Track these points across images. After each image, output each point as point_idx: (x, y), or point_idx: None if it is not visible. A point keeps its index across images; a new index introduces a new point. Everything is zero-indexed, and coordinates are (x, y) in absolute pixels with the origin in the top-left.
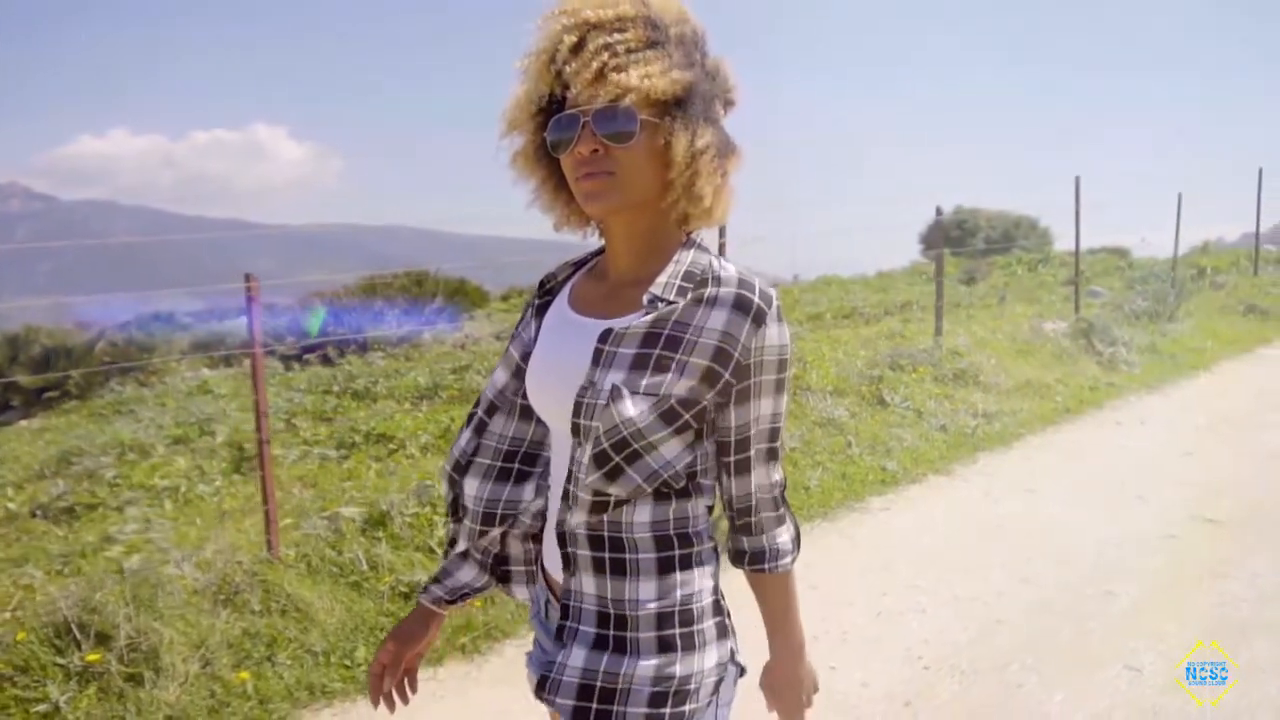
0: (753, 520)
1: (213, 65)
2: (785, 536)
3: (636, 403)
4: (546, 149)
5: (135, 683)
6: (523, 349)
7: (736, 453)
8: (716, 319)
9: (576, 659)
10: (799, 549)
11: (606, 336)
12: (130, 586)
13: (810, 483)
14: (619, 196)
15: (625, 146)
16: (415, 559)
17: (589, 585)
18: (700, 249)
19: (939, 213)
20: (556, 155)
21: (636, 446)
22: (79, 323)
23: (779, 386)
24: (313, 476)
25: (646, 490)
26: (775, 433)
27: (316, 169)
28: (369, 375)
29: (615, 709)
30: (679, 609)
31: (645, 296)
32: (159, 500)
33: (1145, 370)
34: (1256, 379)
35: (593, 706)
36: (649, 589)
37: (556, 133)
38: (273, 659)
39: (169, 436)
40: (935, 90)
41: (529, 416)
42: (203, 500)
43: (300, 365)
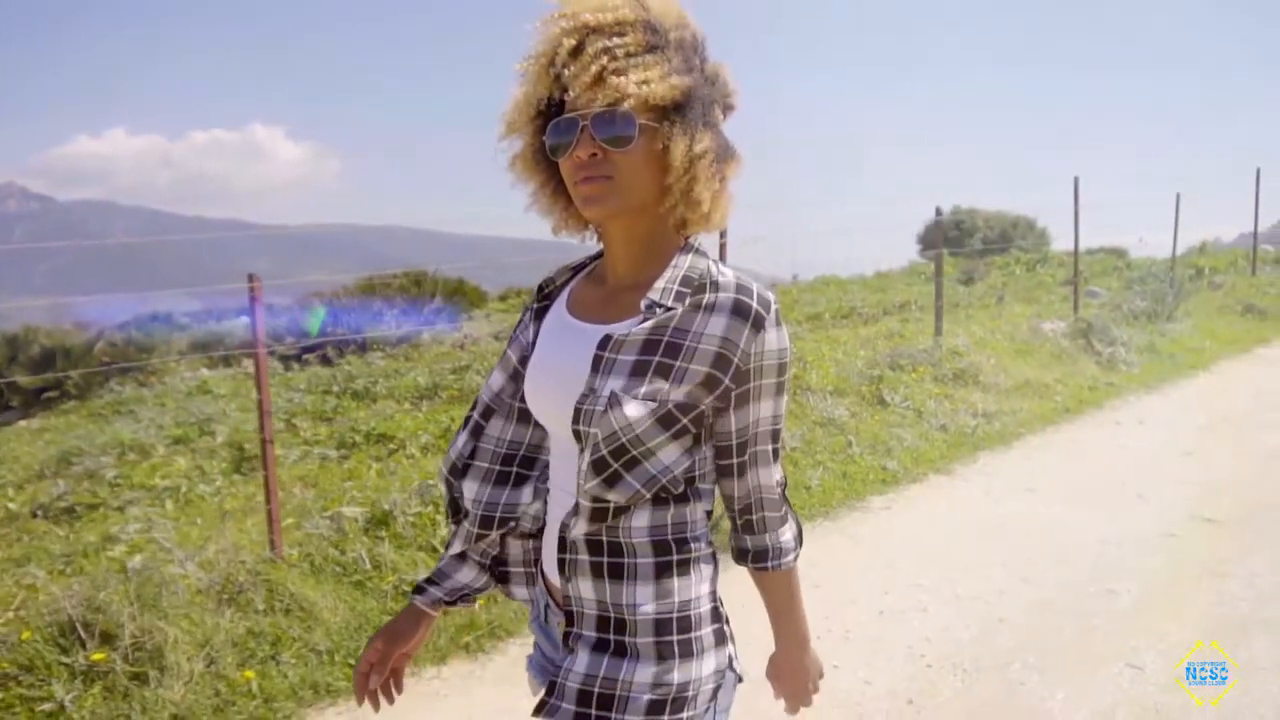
0: (755, 519)
1: (211, 65)
2: (788, 535)
3: (635, 409)
4: (545, 152)
5: (140, 681)
6: (521, 353)
7: (738, 454)
8: (716, 325)
9: (580, 664)
10: (801, 546)
11: (606, 343)
12: (134, 586)
13: (811, 482)
14: (617, 201)
15: (623, 151)
16: (418, 558)
17: (587, 590)
18: (698, 254)
19: (939, 213)
20: (555, 159)
21: (635, 453)
22: (78, 323)
23: (779, 389)
24: (313, 476)
25: (645, 496)
26: (776, 434)
27: (315, 169)
28: (368, 375)
29: (613, 716)
30: (676, 615)
31: (643, 302)
32: (160, 500)
33: (1144, 370)
34: (1255, 379)
35: (592, 713)
36: (646, 593)
37: (555, 136)
38: (277, 658)
39: (169, 436)
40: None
41: (527, 420)
42: (203, 500)
43: (300, 365)
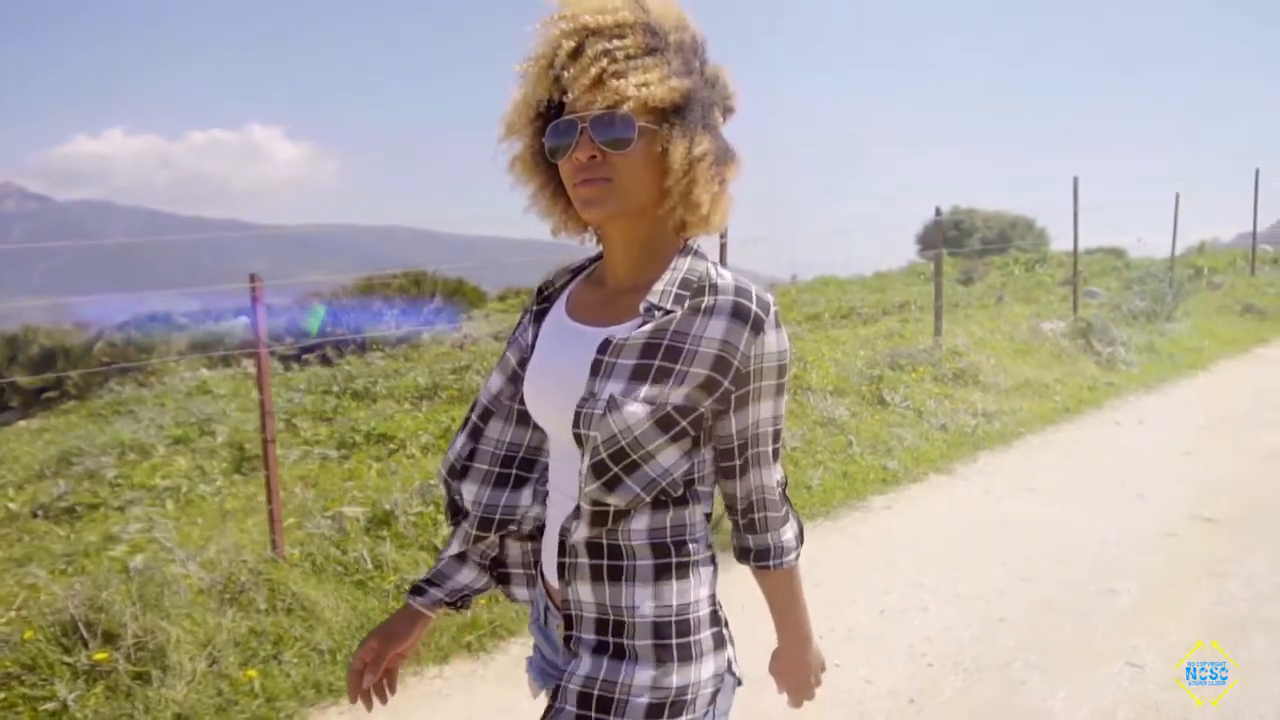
0: (756, 519)
1: (209, 65)
2: (789, 533)
3: (634, 412)
4: (545, 154)
5: (143, 681)
6: (520, 355)
7: (739, 455)
8: (715, 328)
9: (582, 668)
10: (802, 544)
11: (605, 347)
12: (137, 585)
13: (812, 482)
14: (616, 203)
15: (623, 153)
16: (420, 558)
17: (586, 593)
18: (697, 256)
19: (938, 213)
20: (554, 161)
21: (635, 456)
22: (77, 323)
23: (779, 390)
24: (313, 476)
25: (645, 500)
26: (776, 434)
27: (313, 169)
28: (368, 375)
29: (612, 719)
30: (675, 619)
31: (642, 304)
32: (160, 500)
33: (1144, 370)
34: (1254, 379)
35: (591, 715)
36: (645, 595)
37: (554, 138)
38: (279, 657)
39: (169, 437)
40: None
41: (526, 422)
42: (204, 500)
43: (299, 365)
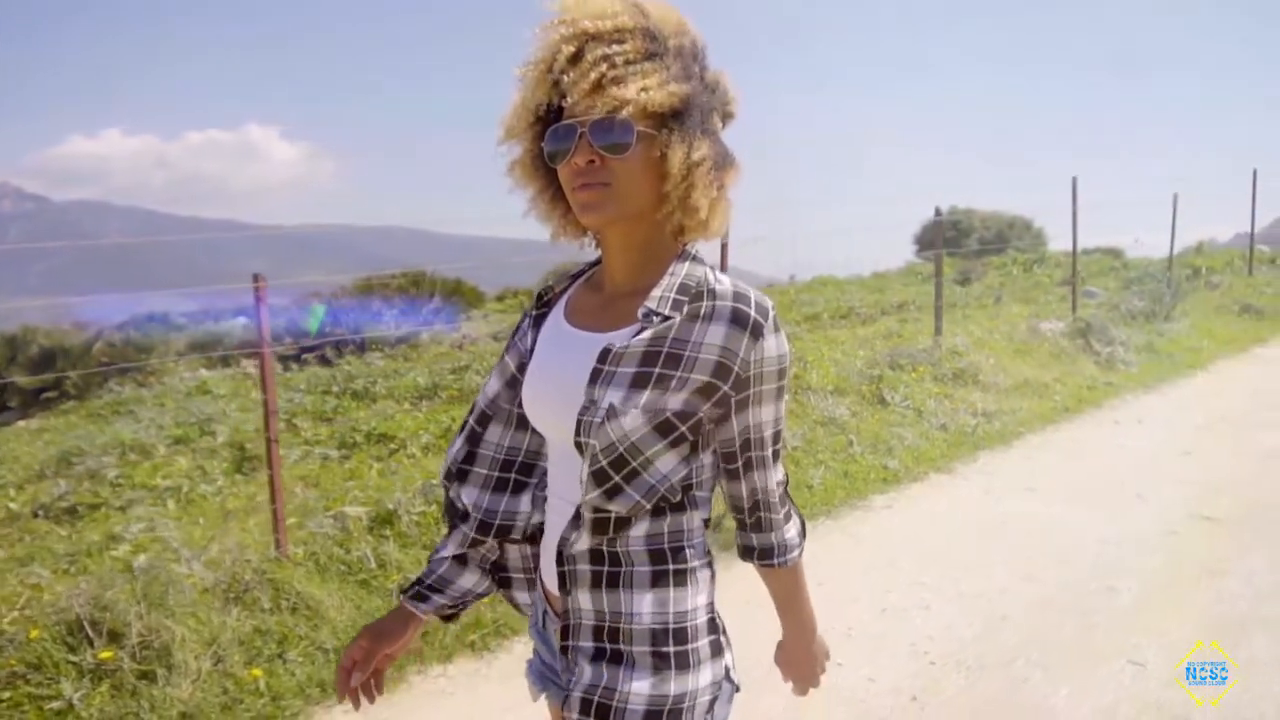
0: (760, 518)
1: (206, 65)
2: (792, 531)
3: (632, 419)
4: (544, 158)
5: (148, 680)
6: (519, 360)
7: (740, 457)
8: (715, 334)
9: (584, 676)
10: (804, 540)
11: (605, 356)
12: (141, 585)
13: (813, 481)
14: (615, 208)
15: (622, 158)
16: (423, 557)
17: (585, 601)
18: (696, 261)
19: (938, 213)
20: (553, 165)
21: (635, 464)
22: (76, 323)
23: (779, 393)
24: (314, 476)
25: (646, 507)
26: (777, 436)
27: (310, 169)
28: (368, 375)
29: None
30: (673, 626)
31: (640, 310)
32: (162, 500)
33: (1142, 370)
34: (1253, 378)
35: None
36: (642, 602)
37: (553, 143)
38: (284, 656)
39: (169, 437)
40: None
41: (525, 426)
42: (205, 500)
43: (299, 365)
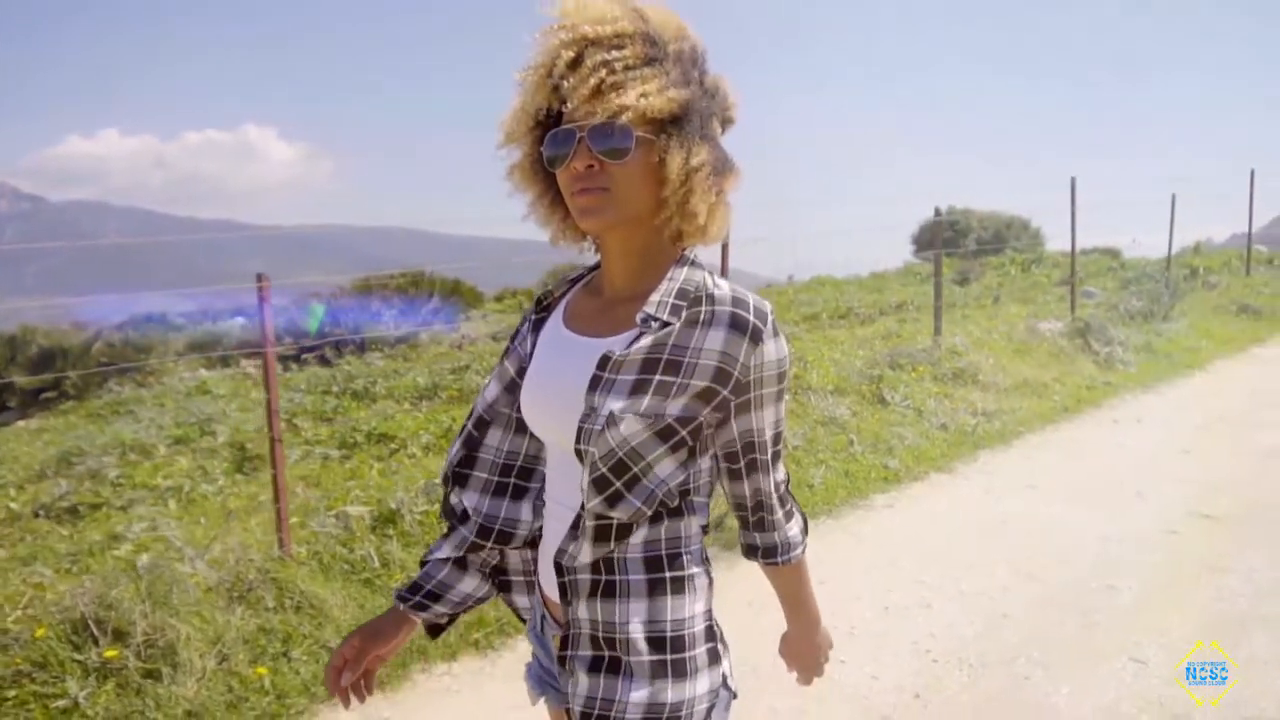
0: (762, 518)
1: (204, 66)
2: (795, 529)
3: (632, 425)
4: (543, 163)
5: (153, 678)
6: (519, 364)
7: (742, 459)
8: (714, 339)
9: (581, 688)
10: (807, 536)
11: (605, 363)
12: (145, 584)
13: (814, 480)
14: (613, 212)
15: (620, 163)
16: None
17: (582, 611)
18: (694, 266)
19: (938, 213)
20: (552, 170)
21: (636, 469)
22: (75, 323)
23: (779, 396)
24: (315, 476)
25: (646, 513)
26: (777, 437)
27: (308, 169)
28: (368, 375)
29: None
30: (670, 634)
31: (638, 315)
32: (163, 500)
33: (1141, 369)
34: (1251, 378)
35: None
36: (639, 610)
37: (553, 148)
38: (288, 654)
39: (170, 437)
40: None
41: (525, 430)
42: (206, 500)
43: (298, 366)
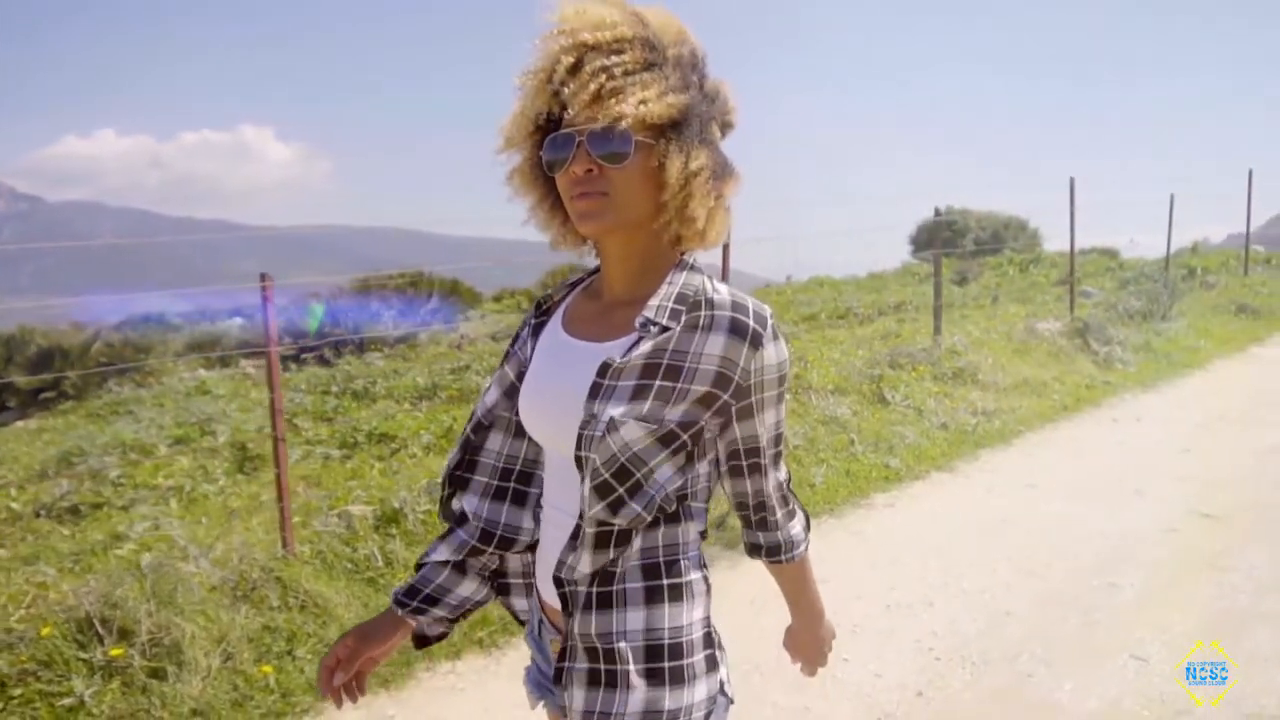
0: (765, 518)
1: (200, 66)
2: (797, 527)
3: (633, 430)
4: (543, 167)
5: (158, 677)
6: (518, 369)
7: (745, 459)
8: (714, 344)
9: (578, 702)
10: (809, 533)
11: (605, 370)
12: (150, 582)
13: (815, 480)
14: (612, 217)
15: (619, 167)
16: None
17: (582, 624)
18: (694, 270)
19: (937, 213)
20: (552, 174)
21: (638, 475)
22: (74, 323)
23: (779, 398)
24: (316, 476)
25: (646, 519)
26: (779, 438)
27: (305, 170)
28: (367, 375)
29: None
30: (668, 642)
31: (637, 320)
32: (164, 499)
33: (1140, 369)
34: (1250, 377)
35: None
36: (637, 619)
37: (552, 152)
38: (293, 653)
39: (170, 437)
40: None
41: (524, 434)
42: (207, 499)
43: (298, 366)
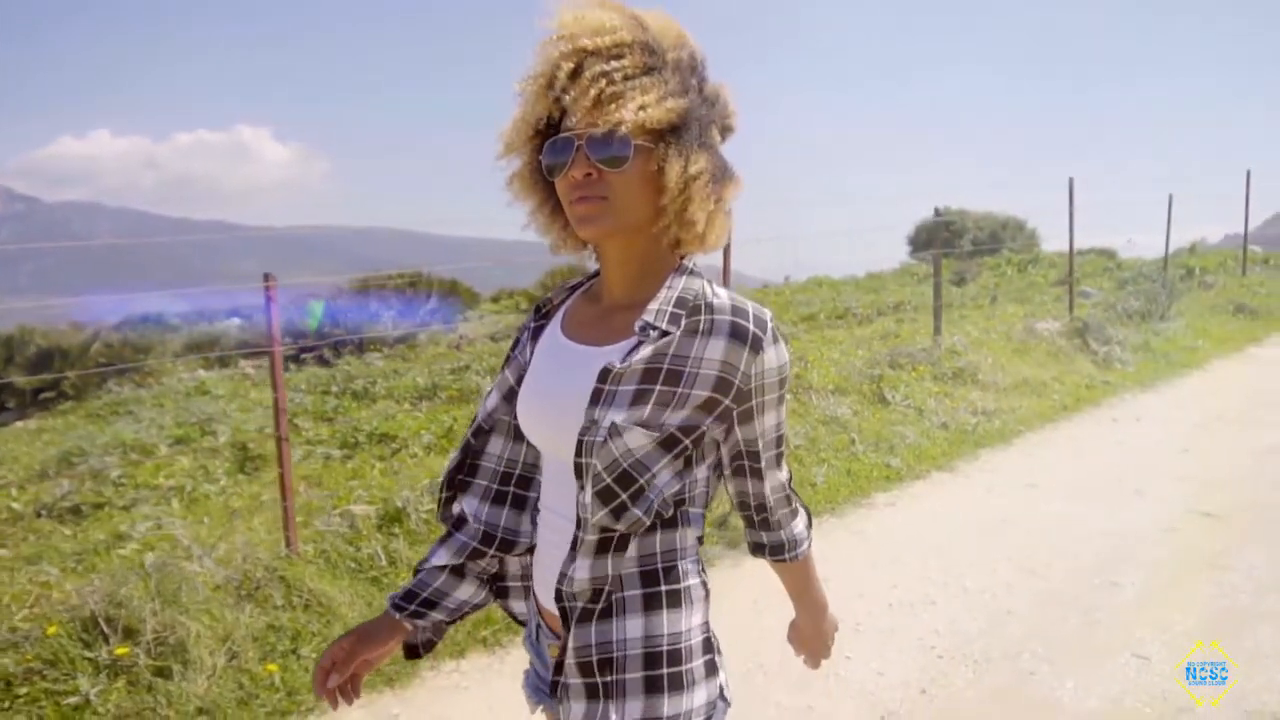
0: (767, 518)
1: (196, 66)
2: (800, 525)
3: (636, 437)
4: (543, 171)
5: (164, 676)
6: (518, 373)
7: (746, 461)
8: (715, 349)
9: (575, 713)
10: (811, 531)
11: (605, 375)
12: (154, 582)
13: (816, 479)
14: (612, 220)
15: (619, 171)
16: None
17: (581, 636)
18: (693, 274)
19: (937, 213)
20: (551, 178)
21: (641, 481)
22: (73, 323)
23: (780, 401)
24: (317, 475)
25: (645, 523)
26: (780, 439)
27: (302, 170)
28: (367, 376)
29: None
30: (667, 648)
31: (637, 323)
32: (166, 499)
33: (1139, 369)
34: (1248, 377)
35: None
36: (636, 627)
37: (551, 156)
38: (297, 652)
39: (170, 437)
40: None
41: (524, 438)
42: (209, 499)
43: (297, 366)
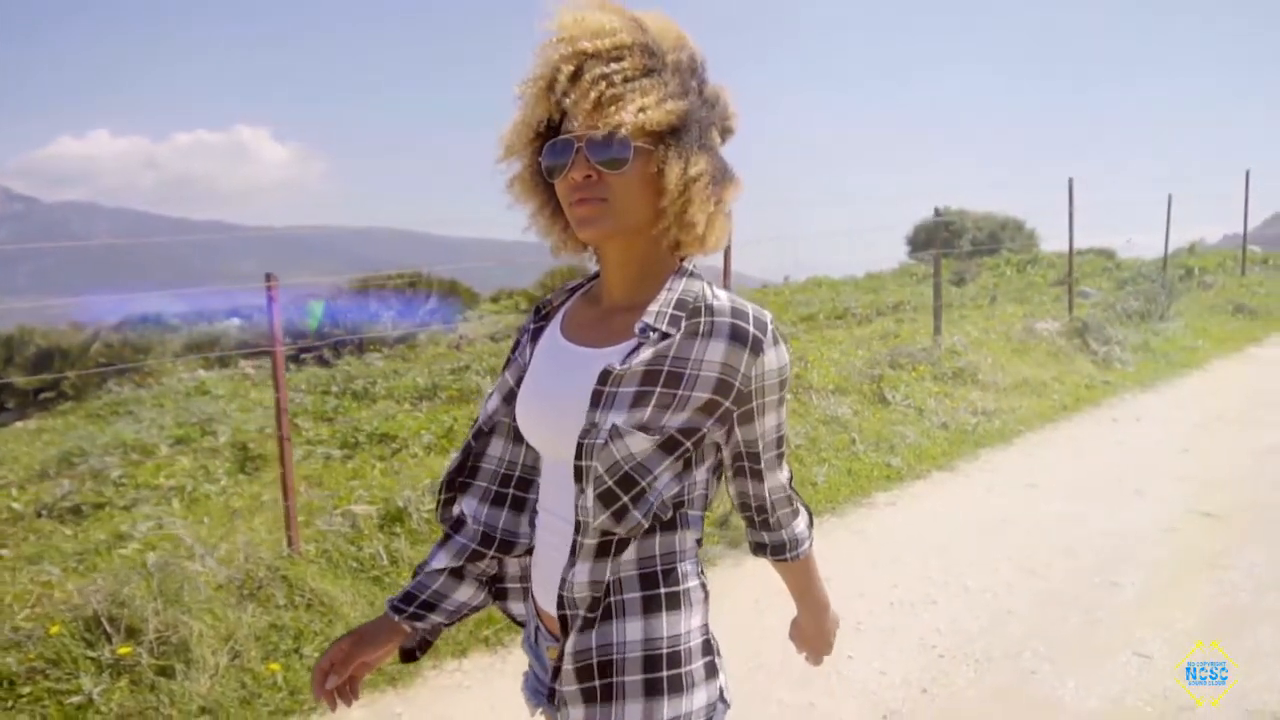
0: (768, 518)
1: (194, 67)
2: (801, 525)
3: (638, 440)
4: (543, 174)
5: (166, 675)
6: (518, 375)
7: (747, 462)
8: (715, 351)
9: (574, 718)
10: (813, 530)
11: (605, 377)
12: (157, 581)
13: (817, 479)
14: (611, 222)
15: (618, 173)
16: None
17: (580, 641)
18: (693, 276)
19: (937, 213)
20: (551, 180)
21: (643, 483)
22: (73, 323)
23: (780, 402)
24: (317, 475)
25: (645, 525)
26: (780, 440)
27: (301, 171)
28: (367, 376)
29: None
30: (667, 651)
31: (637, 325)
32: (166, 499)
33: (1139, 369)
34: (1248, 377)
35: None
36: (635, 629)
37: (551, 158)
38: (300, 651)
39: (170, 437)
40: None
41: (524, 440)
42: (209, 499)
43: (297, 366)
